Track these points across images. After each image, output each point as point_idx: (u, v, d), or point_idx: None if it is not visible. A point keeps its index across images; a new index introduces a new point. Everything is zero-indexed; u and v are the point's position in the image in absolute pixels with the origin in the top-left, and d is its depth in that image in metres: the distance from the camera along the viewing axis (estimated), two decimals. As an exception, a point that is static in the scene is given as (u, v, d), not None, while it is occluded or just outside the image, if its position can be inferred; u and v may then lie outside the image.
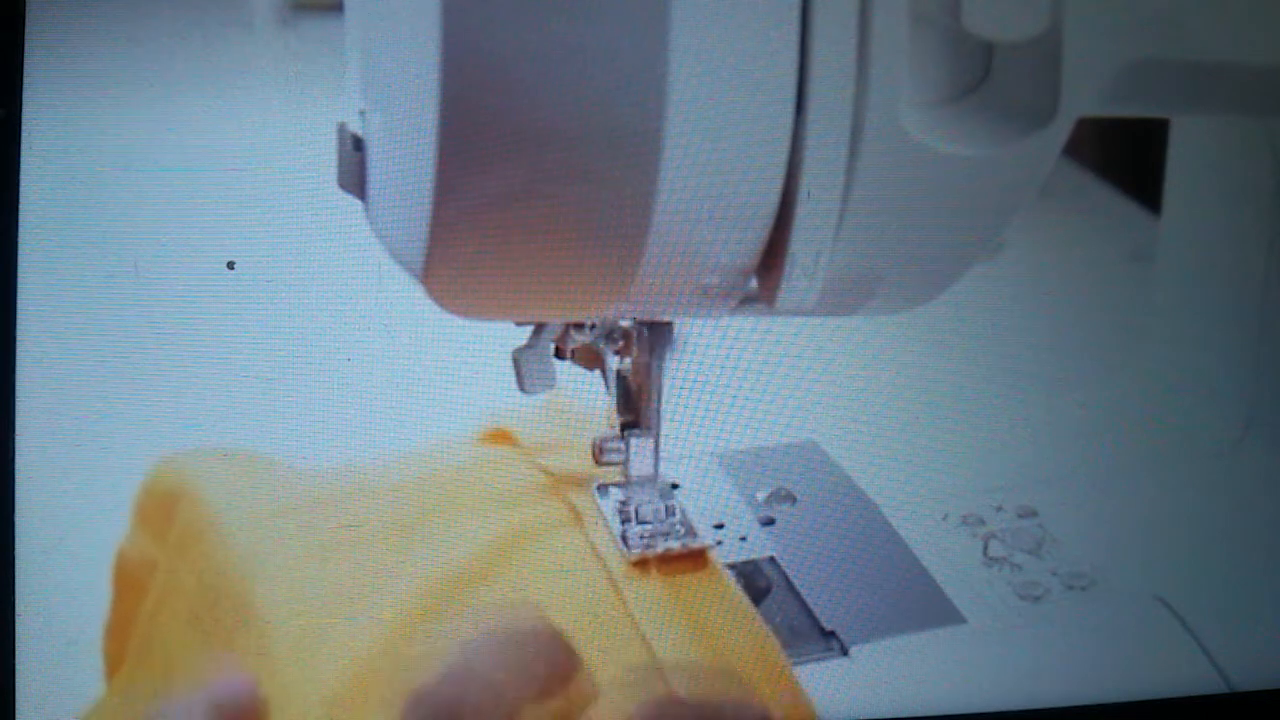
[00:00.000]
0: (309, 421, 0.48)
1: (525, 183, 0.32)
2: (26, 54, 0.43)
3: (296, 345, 0.47)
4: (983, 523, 0.48)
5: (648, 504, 0.45)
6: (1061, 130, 0.34)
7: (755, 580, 0.44)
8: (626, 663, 0.39)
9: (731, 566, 0.44)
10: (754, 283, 0.36)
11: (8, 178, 0.43)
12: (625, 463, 0.45)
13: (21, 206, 0.44)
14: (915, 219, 0.35)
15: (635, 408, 0.44)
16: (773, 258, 0.35)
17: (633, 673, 0.36)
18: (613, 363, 0.44)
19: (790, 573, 0.44)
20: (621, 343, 0.43)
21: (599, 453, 0.45)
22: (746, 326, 0.43)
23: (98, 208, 0.51)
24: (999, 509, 0.48)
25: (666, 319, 0.42)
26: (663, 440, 0.45)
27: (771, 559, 0.45)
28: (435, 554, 0.43)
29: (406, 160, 0.33)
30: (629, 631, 0.40)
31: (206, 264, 0.48)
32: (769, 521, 0.47)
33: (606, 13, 0.30)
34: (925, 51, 0.34)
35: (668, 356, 0.43)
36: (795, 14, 0.32)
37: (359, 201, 0.38)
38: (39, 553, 0.42)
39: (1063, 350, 0.59)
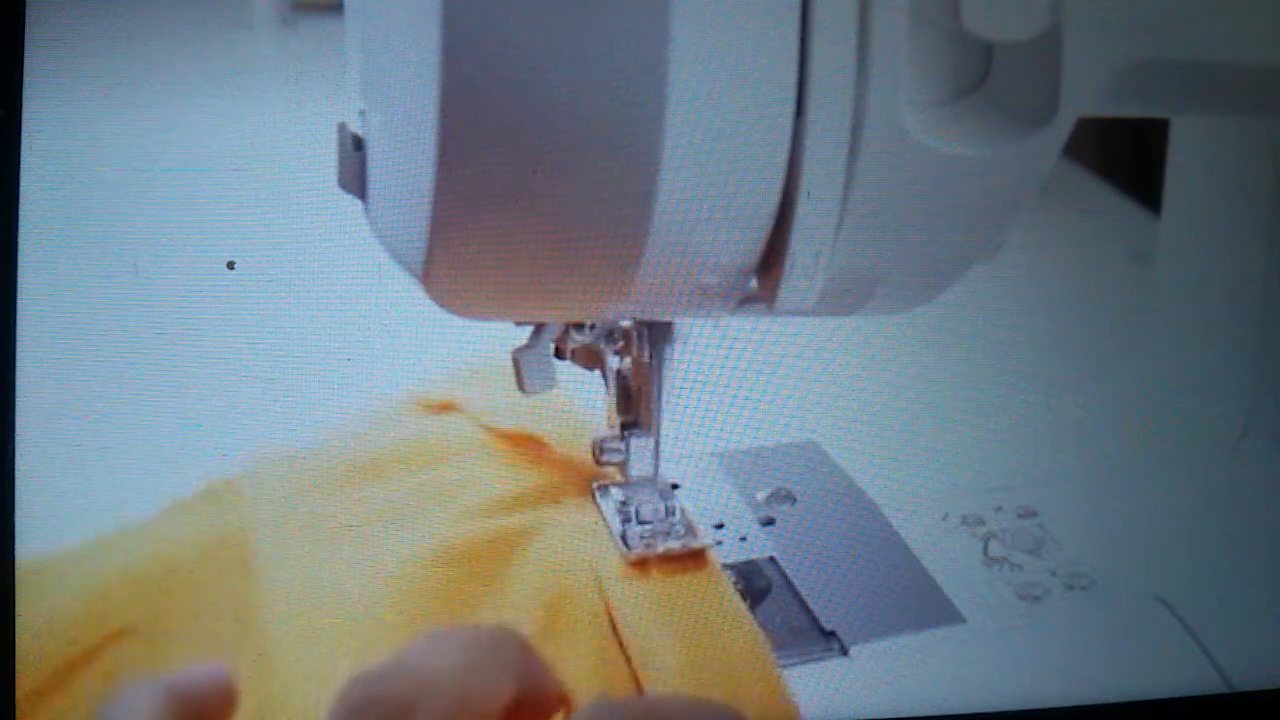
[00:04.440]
0: (309, 421, 0.48)
1: (525, 182, 0.32)
2: (26, 54, 0.43)
3: (296, 345, 0.47)
4: (983, 523, 0.48)
5: (648, 504, 0.45)
6: (1061, 130, 0.34)
7: (755, 580, 0.44)
8: (614, 663, 0.39)
9: (731, 566, 0.44)
10: (754, 283, 0.36)
11: (8, 178, 0.43)
12: (625, 463, 0.45)
13: (21, 206, 0.44)
14: (915, 219, 0.35)
15: (635, 408, 0.44)
16: (773, 258, 0.35)
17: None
18: (613, 363, 0.44)
19: (790, 573, 0.44)
20: (621, 343, 0.43)
21: (599, 453, 0.45)
22: (746, 326, 0.43)
23: (98, 208, 0.51)
24: (999, 509, 0.48)
25: (666, 319, 0.42)
26: (663, 440, 0.45)
27: (771, 559, 0.45)
28: (435, 553, 0.43)
29: (406, 160, 0.33)
30: (615, 639, 0.40)
31: (206, 264, 0.48)
32: (769, 521, 0.47)
33: (606, 13, 0.30)
34: (925, 51, 0.34)
35: (668, 356, 0.43)
36: (795, 14, 0.32)
37: (359, 201, 0.38)
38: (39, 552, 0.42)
39: (1063, 350, 0.59)
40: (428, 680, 0.23)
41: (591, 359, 0.44)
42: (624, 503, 0.45)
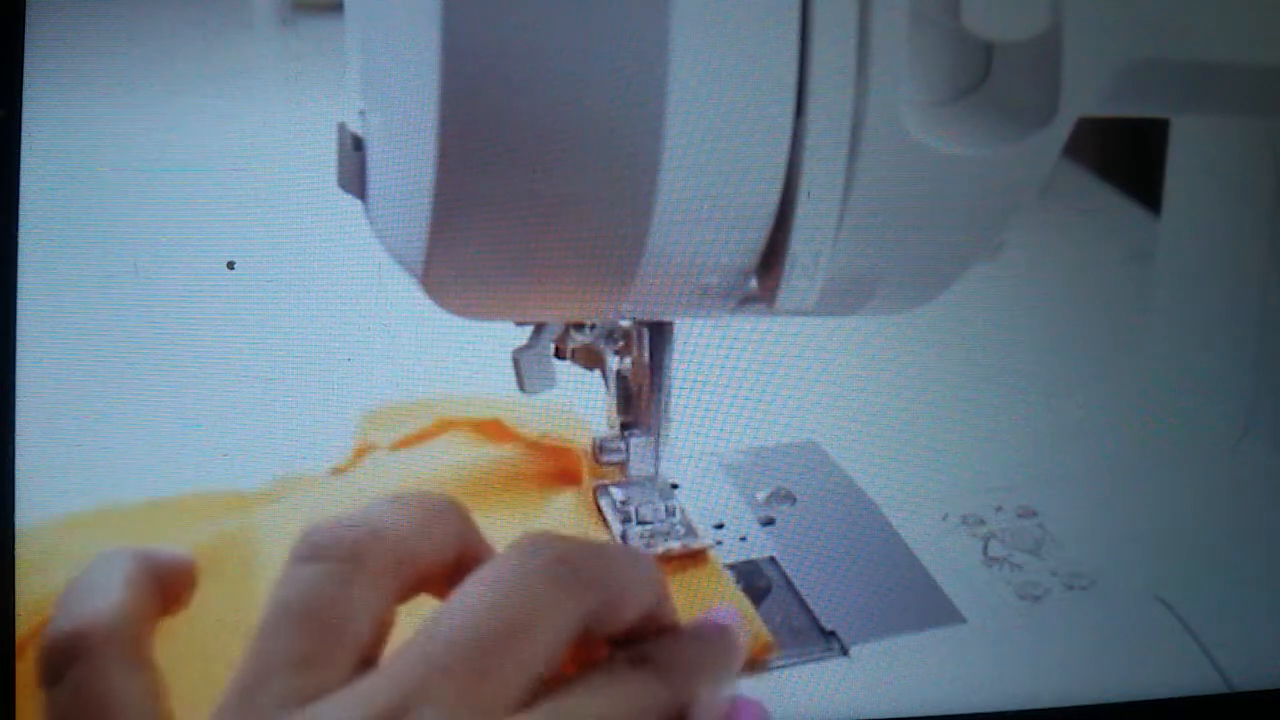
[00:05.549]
0: (309, 421, 0.48)
1: (525, 182, 0.32)
2: (26, 54, 0.43)
3: (296, 345, 0.47)
4: (983, 523, 0.48)
5: (648, 504, 0.45)
6: (1061, 130, 0.34)
7: (755, 580, 0.44)
8: None
9: (731, 566, 0.44)
10: (754, 283, 0.36)
11: (8, 178, 0.43)
12: (625, 463, 0.45)
13: (21, 206, 0.44)
14: (915, 219, 0.35)
15: (635, 408, 0.44)
16: (773, 258, 0.35)
17: None
18: (613, 363, 0.44)
19: (790, 573, 0.44)
20: (621, 343, 0.43)
21: (599, 453, 0.45)
22: (746, 326, 0.43)
23: (98, 208, 0.51)
24: (999, 509, 0.48)
25: (666, 319, 0.42)
26: (663, 440, 0.45)
27: (771, 559, 0.45)
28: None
29: (406, 160, 0.33)
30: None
31: (206, 264, 0.48)
32: (769, 521, 0.47)
33: (607, 13, 0.30)
34: (925, 51, 0.34)
35: (668, 356, 0.43)
36: (795, 14, 0.32)
37: (359, 201, 0.38)
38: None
39: (1063, 350, 0.59)
40: (374, 537, 0.24)
41: (591, 359, 0.44)
42: (624, 503, 0.45)
